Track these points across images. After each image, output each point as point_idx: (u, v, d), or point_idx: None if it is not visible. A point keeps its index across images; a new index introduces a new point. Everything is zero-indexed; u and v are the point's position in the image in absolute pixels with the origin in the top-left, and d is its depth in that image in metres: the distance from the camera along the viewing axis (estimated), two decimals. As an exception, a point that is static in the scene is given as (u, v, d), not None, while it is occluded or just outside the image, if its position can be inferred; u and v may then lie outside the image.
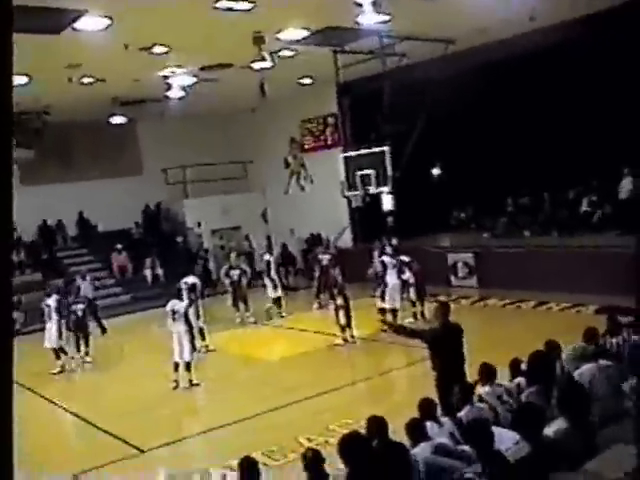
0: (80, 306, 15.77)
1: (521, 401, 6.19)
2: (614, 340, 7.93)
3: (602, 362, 6.51)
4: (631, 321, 9.44)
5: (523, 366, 6.84)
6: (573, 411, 4.85)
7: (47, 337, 14.95)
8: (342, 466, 5.11)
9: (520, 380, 6.68)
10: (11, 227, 1.73)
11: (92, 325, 16.02)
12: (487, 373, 6.94)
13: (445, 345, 7.90)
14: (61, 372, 14.70)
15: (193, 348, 12.86)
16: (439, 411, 6.42)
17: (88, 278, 19.25)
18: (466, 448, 5.26)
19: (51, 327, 14.98)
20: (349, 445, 4.93)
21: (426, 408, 6.19)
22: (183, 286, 15.12)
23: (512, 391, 6.68)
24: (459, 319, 8.43)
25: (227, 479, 7.86)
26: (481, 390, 6.63)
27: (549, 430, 4.71)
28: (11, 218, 1.82)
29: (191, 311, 14.40)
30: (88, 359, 15.35)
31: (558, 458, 4.36)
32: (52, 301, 15.25)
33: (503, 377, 7.31)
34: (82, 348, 15.40)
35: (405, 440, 5.75)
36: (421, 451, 5.48)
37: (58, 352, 14.86)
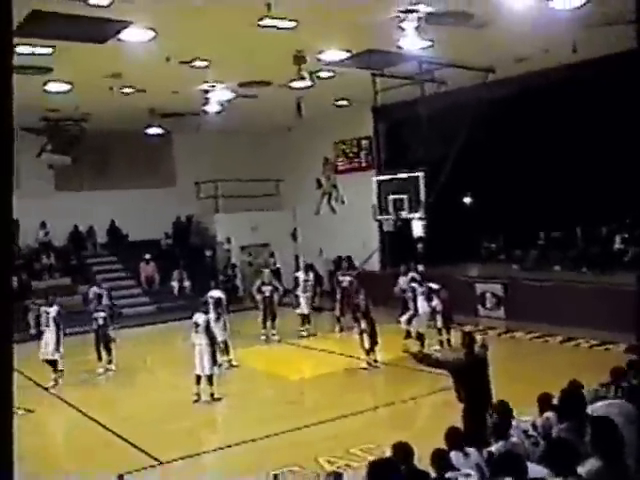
0: (102, 314, 15.47)
1: (550, 436, 6.06)
2: (625, 384, 7.78)
3: (624, 402, 6.34)
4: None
5: (554, 401, 6.70)
6: (607, 450, 4.72)
7: (42, 347, 14.25)
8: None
9: (549, 414, 6.54)
10: (11, 234, 1.71)
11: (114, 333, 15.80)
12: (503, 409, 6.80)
13: (470, 375, 7.80)
14: (55, 385, 14.04)
15: (214, 362, 12.77)
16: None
17: (104, 287, 19.17)
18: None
19: (47, 337, 14.32)
20: (380, 470, 4.84)
21: (453, 437, 6.08)
22: (209, 300, 15.13)
23: (538, 426, 6.55)
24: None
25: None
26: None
27: (582, 469, 4.59)
28: (10, 225, 1.79)
29: (217, 325, 14.42)
30: (112, 367, 15.27)
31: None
32: (52, 310, 14.55)
33: (524, 412, 7.20)
34: (104, 357, 15.26)
35: (427, 469, 5.66)
36: (450, 481, 5.38)
37: (55, 364, 14.24)
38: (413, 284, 16.06)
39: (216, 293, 15.58)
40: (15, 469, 2.00)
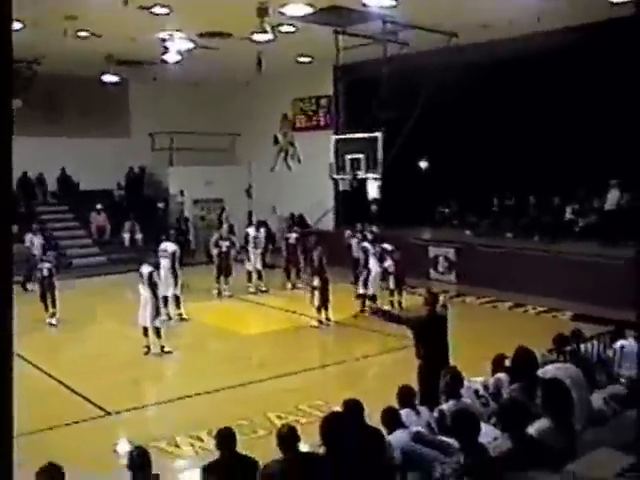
0: (47, 265, 15.04)
1: (500, 396, 6.17)
2: (582, 346, 8.01)
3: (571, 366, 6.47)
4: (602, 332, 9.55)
5: (507, 362, 6.81)
6: (557, 411, 4.81)
7: None
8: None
9: (501, 376, 6.65)
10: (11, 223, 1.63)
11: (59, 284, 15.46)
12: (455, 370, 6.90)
13: (431, 334, 7.90)
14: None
15: (157, 314, 12.48)
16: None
17: (40, 235, 19.14)
18: (445, 439, 5.22)
19: None
20: (331, 425, 4.86)
21: (406, 395, 6.15)
22: (162, 253, 14.96)
23: (489, 386, 6.65)
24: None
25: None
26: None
27: (532, 429, 4.67)
28: (12, 217, 1.71)
29: (170, 278, 14.35)
30: (53, 321, 14.75)
31: (540, 457, 4.32)
32: None
33: (477, 373, 7.31)
34: (50, 308, 14.80)
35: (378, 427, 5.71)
36: (398, 438, 5.43)
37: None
38: (365, 244, 16.07)
39: (170, 246, 15.35)
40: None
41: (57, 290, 14.91)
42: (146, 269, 12.55)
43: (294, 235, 19.27)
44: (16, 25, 15.76)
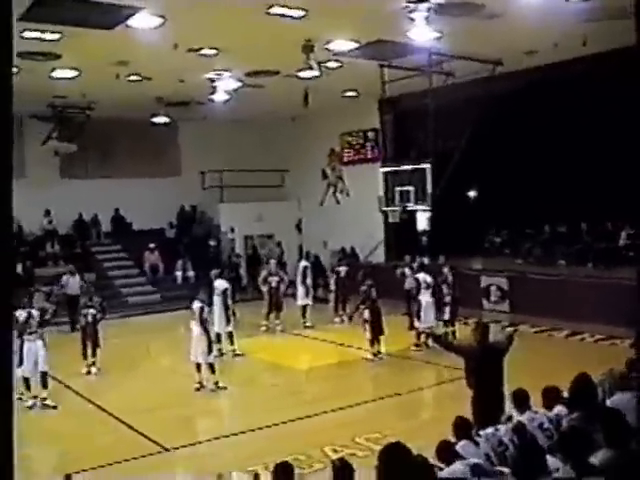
0: (92, 311, 14.32)
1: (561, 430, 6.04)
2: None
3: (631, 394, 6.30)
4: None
5: (564, 394, 6.67)
6: (618, 440, 4.70)
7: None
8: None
9: (560, 409, 6.51)
10: (11, 232, 1.70)
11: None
12: (521, 399, 6.78)
13: (482, 364, 7.81)
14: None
15: (210, 350, 12.57)
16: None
17: (77, 275, 19.17)
18: (505, 470, 5.13)
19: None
20: (392, 455, 4.82)
21: (462, 427, 6.06)
22: (215, 290, 15.11)
23: (553, 420, 6.50)
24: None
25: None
26: (521, 417, 6.46)
27: (594, 459, 4.57)
28: (10, 224, 1.77)
29: (224, 315, 14.49)
30: (93, 370, 14.14)
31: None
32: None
33: (535, 404, 7.18)
34: (90, 358, 14.16)
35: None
36: (456, 471, 5.35)
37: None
38: (419, 275, 15.94)
39: (222, 283, 15.48)
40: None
41: (101, 338, 14.34)
42: (197, 305, 12.69)
43: (344, 268, 19.25)
44: (71, 73, 16.31)
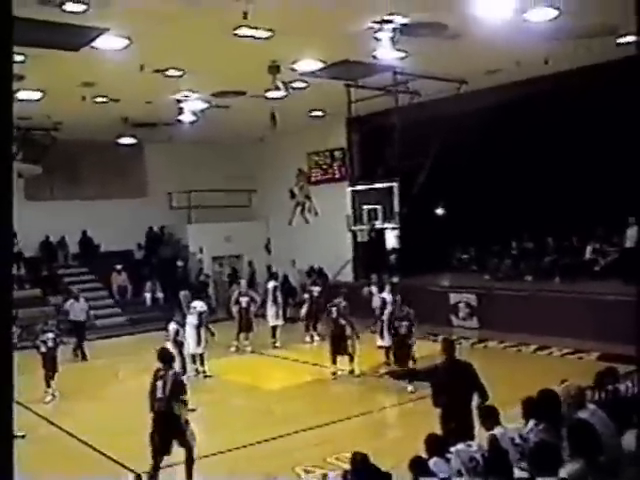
0: (50, 335, 14.09)
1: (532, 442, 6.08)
2: (610, 387, 7.83)
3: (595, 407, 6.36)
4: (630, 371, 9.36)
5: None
6: (586, 452, 4.75)
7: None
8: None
9: (531, 423, 6.55)
10: (11, 241, 1.70)
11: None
12: (490, 415, 6.82)
13: (450, 381, 7.84)
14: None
15: (183, 371, 12.49)
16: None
17: (82, 299, 18.68)
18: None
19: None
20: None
21: (434, 443, 6.09)
22: (192, 311, 15.05)
23: (523, 434, 6.53)
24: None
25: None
26: (495, 431, 6.48)
27: (563, 471, 4.61)
28: (11, 232, 1.77)
29: (200, 336, 14.42)
30: (47, 399, 13.73)
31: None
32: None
33: (505, 418, 7.22)
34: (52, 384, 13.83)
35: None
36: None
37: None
38: (384, 294, 15.95)
39: (199, 304, 15.43)
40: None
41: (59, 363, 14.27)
42: (172, 327, 12.63)
43: (317, 288, 19.24)
44: (36, 94, 16.19)
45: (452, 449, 6.19)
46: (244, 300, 17.76)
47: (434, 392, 8.07)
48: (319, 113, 21.62)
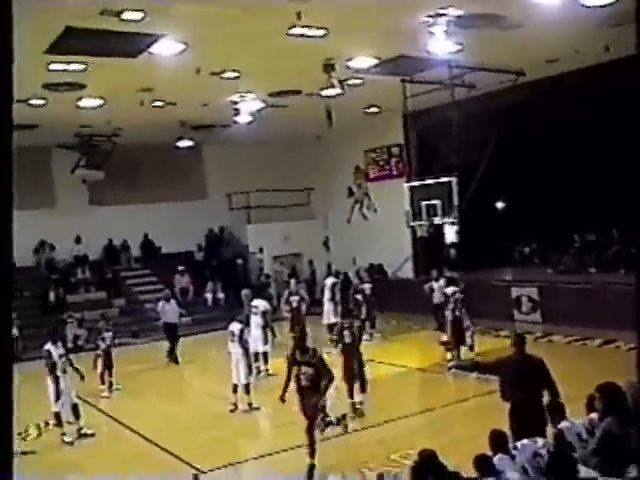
0: (108, 334, 14.85)
1: (596, 437, 5.97)
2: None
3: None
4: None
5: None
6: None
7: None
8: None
9: (592, 416, 6.44)
10: (11, 245, 1.74)
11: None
12: (557, 410, 6.72)
13: (520, 376, 7.74)
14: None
15: (250, 371, 12.68)
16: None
17: (172, 301, 18.49)
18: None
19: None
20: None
21: (497, 440, 6.02)
22: (253, 309, 15.16)
23: (588, 428, 6.43)
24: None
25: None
26: (562, 426, 6.39)
27: (634, 470, 4.51)
28: (11, 236, 1.80)
29: (261, 335, 14.50)
30: (105, 394, 14.42)
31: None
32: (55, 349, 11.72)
33: (571, 414, 7.10)
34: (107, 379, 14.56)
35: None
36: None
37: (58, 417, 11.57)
38: (447, 289, 15.77)
39: (262, 304, 15.51)
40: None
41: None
42: (237, 327, 12.72)
43: (368, 286, 19.08)
44: (97, 102, 16.55)
45: (517, 444, 6.12)
46: (294, 299, 17.81)
47: (503, 386, 7.98)
48: (375, 109, 21.56)
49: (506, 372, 8.00)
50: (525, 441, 6.08)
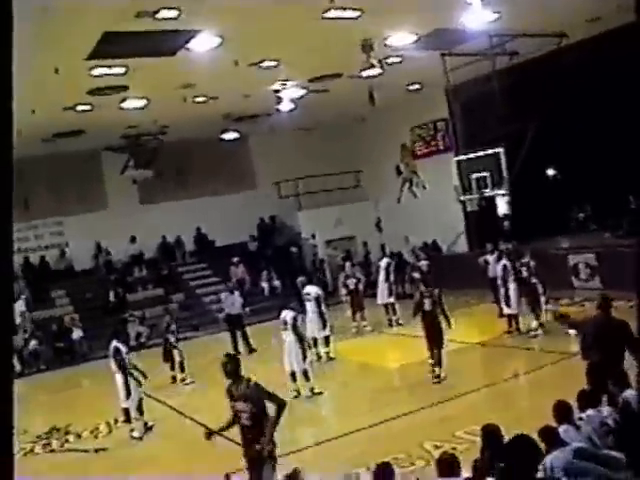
0: (173, 327, 15.55)
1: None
2: None
3: None
4: None
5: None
6: None
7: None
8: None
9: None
10: (11, 245, 1.77)
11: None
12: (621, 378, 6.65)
13: (605, 336, 7.81)
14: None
15: (304, 357, 12.65)
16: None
17: (236, 292, 18.68)
18: (612, 453, 5.00)
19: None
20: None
21: (562, 411, 5.95)
22: (306, 296, 15.23)
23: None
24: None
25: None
26: (627, 394, 6.29)
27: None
28: (11, 237, 1.83)
29: (318, 321, 14.57)
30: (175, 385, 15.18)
31: None
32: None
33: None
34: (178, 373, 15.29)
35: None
36: (558, 457, 5.25)
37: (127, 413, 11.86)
38: (502, 262, 15.52)
39: (313, 289, 15.50)
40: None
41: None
42: (289, 314, 12.75)
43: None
44: (141, 102, 16.77)
45: (582, 415, 6.05)
46: (351, 282, 17.85)
47: (585, 345, 7.98)
48: (417, 86, 21.39)
49: (589, 331, 7.96)
50: (590, 412, 6.01)
